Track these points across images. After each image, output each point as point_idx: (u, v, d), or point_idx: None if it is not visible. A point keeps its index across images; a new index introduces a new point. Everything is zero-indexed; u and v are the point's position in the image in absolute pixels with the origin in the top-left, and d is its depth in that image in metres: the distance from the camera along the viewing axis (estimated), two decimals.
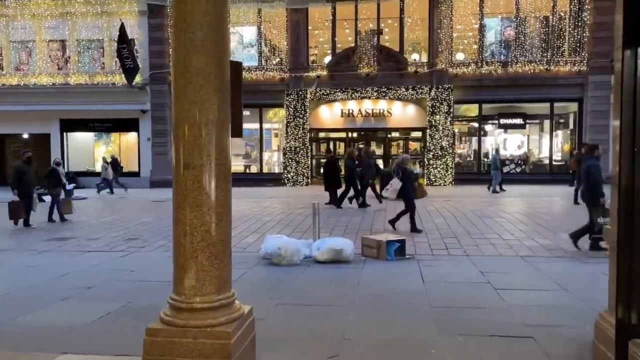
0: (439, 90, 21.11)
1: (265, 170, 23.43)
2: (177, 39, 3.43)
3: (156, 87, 22.21)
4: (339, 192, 14.67)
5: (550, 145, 21.69)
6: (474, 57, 21.45)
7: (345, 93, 21.68)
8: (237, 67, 3.63)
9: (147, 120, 22.70)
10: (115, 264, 7.83)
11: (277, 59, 22.67)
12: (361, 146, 19.76)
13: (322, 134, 23.34)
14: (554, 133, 21.83)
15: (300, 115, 21.86)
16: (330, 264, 7.36)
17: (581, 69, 20.45)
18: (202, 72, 3.36)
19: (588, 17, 20.27)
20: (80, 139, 24.12)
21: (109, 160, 21.28)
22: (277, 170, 23.19)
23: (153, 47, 22.31)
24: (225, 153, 3.48)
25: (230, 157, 3.55)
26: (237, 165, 23.80)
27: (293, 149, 22.00)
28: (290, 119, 21.93)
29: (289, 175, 22.15)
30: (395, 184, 10.12)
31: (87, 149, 23.79)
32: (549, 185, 19.89)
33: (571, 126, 21.88)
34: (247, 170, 23.52)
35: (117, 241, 9.71)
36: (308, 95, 21.75)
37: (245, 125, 23.08)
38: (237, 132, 3.66)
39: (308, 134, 22.07)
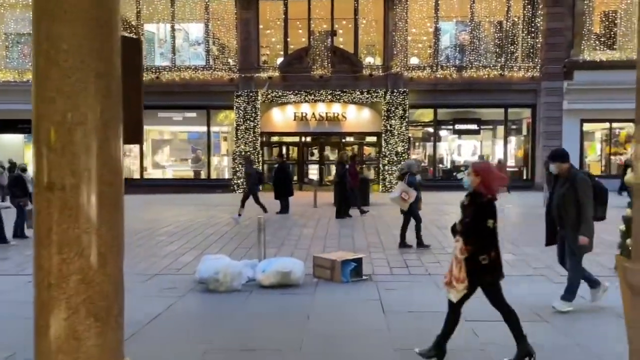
0: (394, 94, 20.51)
1: (213, 175, 22.12)
2: (40, 3, 2.37)
3: None
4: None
5: (504, 151, 21.52)
6: (429, 61, 21.01)
7: (298, 95, 20.72)
8: (133, 45, 2.58)
9: None
10: (20, 293, 6.48)
11: (226, 59, 21.47)
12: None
13: (274, 138, 22.27)
14: (507, 139, 21.71)
15: (251, 119, 20.73)
16: (277, 289, 6.37)
17: (534, 74, 20.37)
18: (76, 49, 2.31)
19: (541, 23, 20.21)
20: (8, 141, 21.99)
21: (6, 165, 19.07)
22: (226, 176, 21.95)
23: None
24: (113, 166, 2.44)
25: (122, 170, 2.52)
26: (185, 171, 22.50)
27: (243, 153, 20.85)
28: (240, 121, 20.75)
29: (239, 181, 20.95)
30: (412, 193, 8.91)
31: (16, 153, 21.52)
32: (502, 193, 19.63)
33: (524, 132, 21.82)
34: (198, 177, 22.18)
35: (31, 261, 8.32)
36: (259, 97, 20.65)
37: (193, 128, 22.34)
38: (135, 137, 2.61)
39: (259, 138, 20.96)
